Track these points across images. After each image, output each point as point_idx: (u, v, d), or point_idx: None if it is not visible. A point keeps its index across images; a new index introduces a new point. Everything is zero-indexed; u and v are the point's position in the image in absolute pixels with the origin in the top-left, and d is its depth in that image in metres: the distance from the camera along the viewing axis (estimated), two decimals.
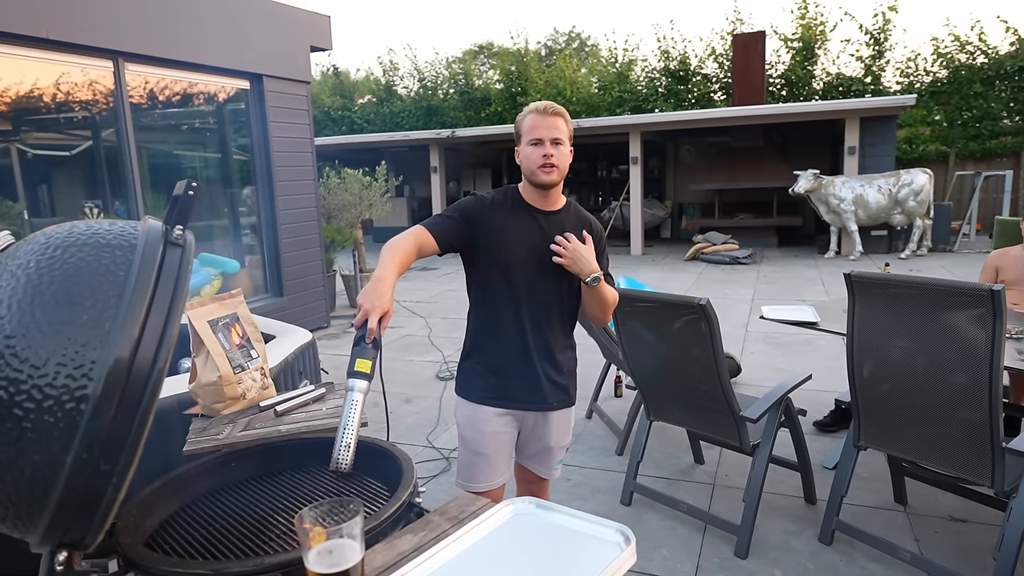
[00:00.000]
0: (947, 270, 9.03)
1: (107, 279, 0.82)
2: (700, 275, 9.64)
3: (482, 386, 1.93)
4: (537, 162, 1.80)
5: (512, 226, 1.85)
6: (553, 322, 1.92)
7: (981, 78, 13.09)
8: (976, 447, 2.13)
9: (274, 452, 1.49)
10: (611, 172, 15.49)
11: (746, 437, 2.61)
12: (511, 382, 1.91)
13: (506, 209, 1.87)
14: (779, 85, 14.59)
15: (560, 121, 1.81)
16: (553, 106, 1.82)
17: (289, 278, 6.32)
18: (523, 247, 1.85)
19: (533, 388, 1.92)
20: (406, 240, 1.73)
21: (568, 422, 2.05)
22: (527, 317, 1.87)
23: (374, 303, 1.45)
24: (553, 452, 2.04)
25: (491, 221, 1.85)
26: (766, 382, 4.44)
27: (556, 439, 2.02)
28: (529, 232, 1.86)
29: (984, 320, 2.00)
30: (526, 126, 1.82)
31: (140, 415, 0.81)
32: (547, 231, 1.86)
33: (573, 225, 1.91)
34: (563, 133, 1.81)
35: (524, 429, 2.00)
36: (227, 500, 1.34)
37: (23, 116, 4.51)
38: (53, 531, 0.82)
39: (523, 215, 1.87)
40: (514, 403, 1.93)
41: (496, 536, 1.02)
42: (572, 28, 36.90)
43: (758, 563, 2.49)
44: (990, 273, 3.30)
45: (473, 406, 1.94)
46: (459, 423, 1.99)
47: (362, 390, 1.32)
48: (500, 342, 1.90)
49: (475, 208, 1.86)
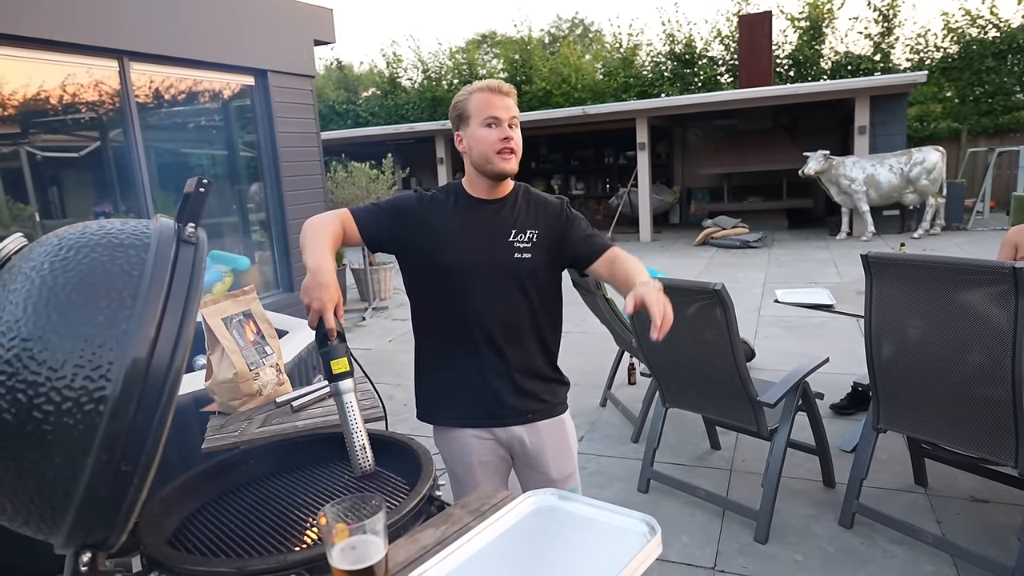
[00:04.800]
0: (961, 248, 8.93)
1: (121, 279, 0.82)
2: (711, 260, 9.58)
3: (444, 405, 1.70)
4: (494, 147, 1.56)
5: (458, 223, 1.62)
6: (521, 322, 1.65)
7: (993, 52, 12.87)
8: (999, 426, 2.10)
9: (292, 448, 1.49)
10: (618, 159, 15.38)
11: (763, 422, 2.59)
12: (474, 398, 1.66)
13: (449, 207, 1.64)
14: (787, 66, 14.43)
15: (512, 101, 1.59)
16: (505, 84, 1.60)
17: (299, 273, 6.31)
18: (474, 246, 1.60)
19: (500, 402, 1.66)
20: (331, 222, 1.54)
21: (564, 443, 1.75)
22: (484, 323, 1.61)
23: (323, 298, 1.31)
24: (556, 484, 1.71)
25: (433, 218, 1.62)
26: (781, 366, 4.42)
27: (555, 468, 1.72)
28: (479, 229, 1.62)
29: (1006, 298, 1.97)
30: (474, 105, 1.57)
31: (159, 415, 0.80)
32: (497, 221, 1.63)
33: (526, 210, 1.66)
34: (517, 114, 1.60)
35: (516, 459, 1.74)
36: (247, 497, 1.34)
37: (31, 118, 4.53)
38: (76, 533, 0.81)
39: (471, 211, 1.64)
40: (483, 420, 1.68)
41: (519, 529, 1.01)
42: (575, 14, 36.67)
43: (778, 548, 2.48)
44: (1009, 250, 3.24)
45: (446, 432, 1.72)
46: (441, 454, 1.75)
47: (350, 389, 1.28)
48: (457, 356, 1.64)
49: (412, 205, 1.64)
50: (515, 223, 1.64)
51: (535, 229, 1.65)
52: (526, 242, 1.63)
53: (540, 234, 1.65)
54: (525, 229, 1.64)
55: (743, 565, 2.39)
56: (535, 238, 1.64)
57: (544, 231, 1.66)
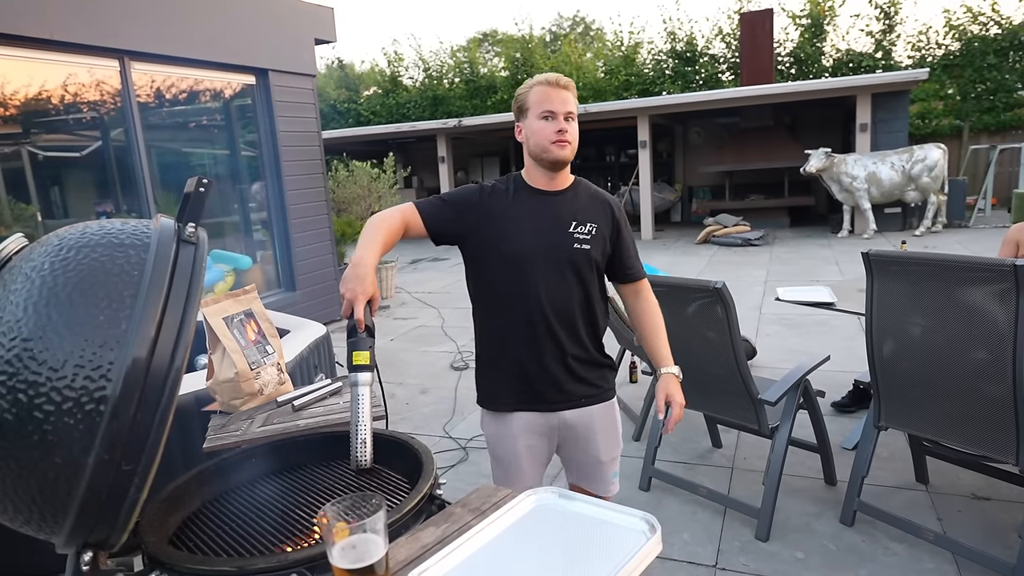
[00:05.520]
0: (963, 246, 8.91)
1: (121, 279, 0.82)
2: (712, 258, 9.58)
3: (501, 391, 1.76)
4: (550, 137, 1.62)
5: (519, 212, 1.68)
6: (573, 312, 1.72)
7: (995, 49, 12.84)
8: (1000, 424, 2.10)
9: (293, 447, 1.49)
10: (620, 157, 15.39)
11: (764, 420, 2.59)
12: (530, 383, 1.73)
13: (509, 196, 1.71)
14: (788, 63, 14.41)
15: (570, 95, 1.65)
16: (563, 78, 1.65)
17: (301, 272, 6.34)
18: (532, 233, 1.67)
19: (557, 387, 1.73)
20: (393, 217, 1.60)
21: (613, 427, 1.84)
22: (542, 310, 1.67)
23: (356, 290, 1.35)
24: (604, 465, 1.82)
25: (494, 208, 1.68)
26: (782, 364, 4.41)
27: (604, 450, 1.81)
28: (540, 218, 1.68)
29: (1007, 295, 1.97)
30: (534, 98, 1.64)
31: (160, 414, 0.80)
32: (558, 212, 1.70)
33: (586, 203, 1.74)
34: (574, 108, 1.66)
35: (564, 443, 1.81)
36: (249, 496, 1.34)
37: (33, 119, 4.53)
38: (78, 532, 0.82)
39: (528, 199, 1.70)
40: (537, 406, 1.75)
41: (520, 527, 1.01)
42: (576, 12, 36.65)
43: (779, 545, 2.48)
44: (1011, 247, 3.24)
45: (497, 417, 1.78)
46: (487, 438, 1.83)
47: (366, 383, 1.29)
48: (514, 342, 1.71)
49: (474, 196, 1.70)
50: (575, 215, 1.71)
51: (594, 223, 1.73)
52: (586, 234, 1.70)
53: (598, 228, 1.73)
54: (585, 221, 1.71)
55: (744, 563, 2.39)
56: (594, 231, 1.72)
57: (601, 226, 1.74)
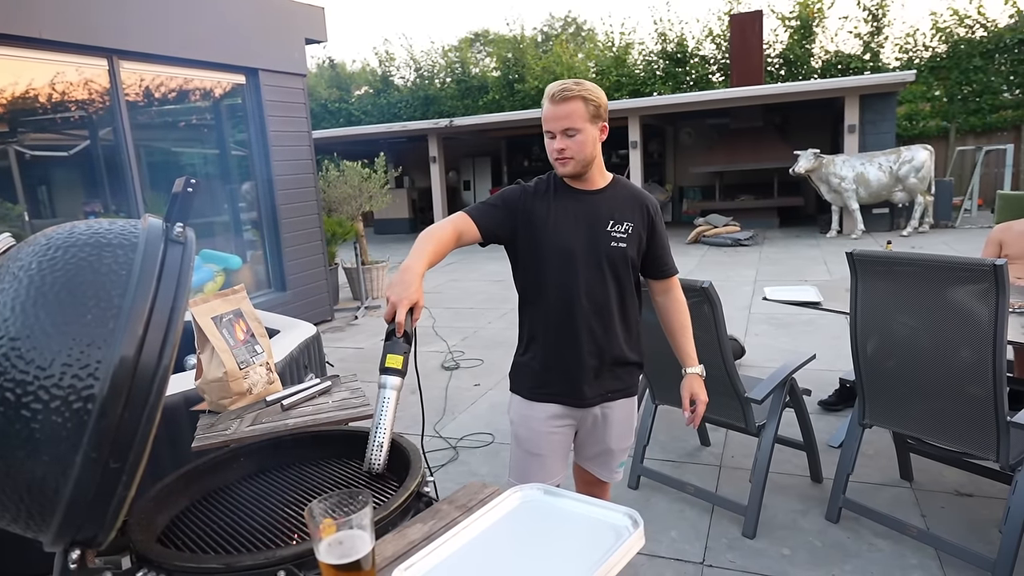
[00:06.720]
0: (949, 246, 9.00)
1: (109, 278, 0.83)
2: (702, 258, 9.63)
3: (536, 382, 1.82)
4: (552, 155, 1.71)
5: (558, 210, 1.74)
6: (611, 307, 1.77)
7: (981, 52, 12.98)
8: (981, 422, 2.13)
9: (282, 446, 1.50)
10: (610, 157, 15.39)
11: (751, 418, 2.62)
12: (566, 376, 1.79)
13: (550, 194, 1.77)
14: (777, 65, 14.50)
15: (572, 105, 1.65)
16: (565, 89, 1.65)
17: (291, 272, 6.32)
18: (572, 232, 1.73)
19: (589, 382, 1.79)
20: (444, 228, 1.64)
21: (629, 420, 1.93)
22: (582, 304, 1.74)
23: (401, 295, 1.38)
24: (614, 454, 1.92)
25: (536, 207, 1.74)
26: (770, 363, 4.45)
27: (616, 440, 1.90)
28: (579, 215, 1.74)
29: (987, 295, 2.00)
30: (543, 116, 1.70)
31: (147, 413, 0.81)
32: (596, 211, 1.75)
33: (623, 202, 1.79)
34: (579, 118, 1.65)
35: (582, 429, 1.88)
36: (237, 494, 1.35)
37: (20, 117, 4.50)
38: (65, 530, 0.82)
39: (567, 198, 1.76)
40: (569, 399, 1.81)
41: (505, 523, 1.03)
42: (568, 13, 36.62)
43: (766, 542, 2.50)
44: (993, 247, 3.29)
45: (527, 403, 1.83)
46: (512, 420, 1.89)
47: (395, 387, 1.28)
48: (555, 335, 1.77)
49: (519, 196, 1.76)
50: (613, 214, 1.76)
51: (631, 222, 1.78)
52: (623, 232, 1.76)
53: (635, 227, 1.78)
54: (623, 220, 1.77)
55: (731, 560, 2.42)
56: (630, 230, 1.77)
57: (638, 224, 1.79)
